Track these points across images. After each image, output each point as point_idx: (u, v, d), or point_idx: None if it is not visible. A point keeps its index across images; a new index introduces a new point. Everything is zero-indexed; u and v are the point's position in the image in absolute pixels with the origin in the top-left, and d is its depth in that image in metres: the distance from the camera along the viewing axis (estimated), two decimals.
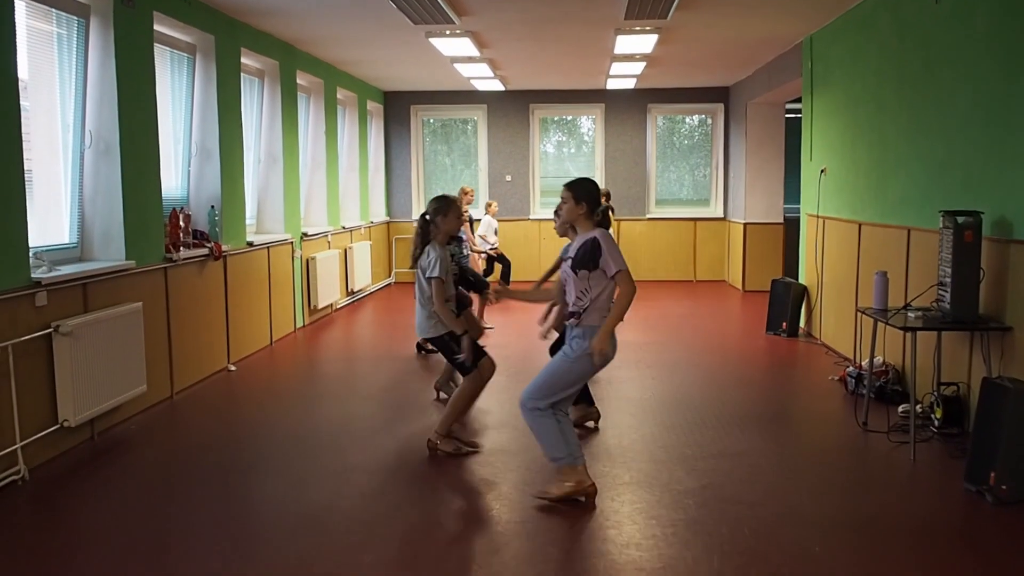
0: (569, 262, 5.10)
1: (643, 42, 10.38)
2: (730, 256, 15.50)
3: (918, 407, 6.84)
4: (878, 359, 7.59)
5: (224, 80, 8.67)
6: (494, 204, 13.60)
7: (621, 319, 4.99)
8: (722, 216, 15.93)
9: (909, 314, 6.22)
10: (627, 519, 4.88)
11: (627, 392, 7.71)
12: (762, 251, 14.39)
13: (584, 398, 6.64)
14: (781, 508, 5.03)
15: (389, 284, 15.78)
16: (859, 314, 8.61)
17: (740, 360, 9.13)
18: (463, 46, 10.54)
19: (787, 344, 9.98)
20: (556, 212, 5.82)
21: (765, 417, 7.11)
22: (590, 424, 6.67)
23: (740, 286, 14.55)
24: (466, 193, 11.85)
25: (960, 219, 5.87)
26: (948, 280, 5.94)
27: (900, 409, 6.89)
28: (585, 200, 5.13)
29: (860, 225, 8.64)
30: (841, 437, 6.46)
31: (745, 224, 14.40)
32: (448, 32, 9.78)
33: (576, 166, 16.52)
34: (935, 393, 6.44)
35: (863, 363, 7.69)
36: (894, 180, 7.82)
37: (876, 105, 8.24)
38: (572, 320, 5.08)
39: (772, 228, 14.39)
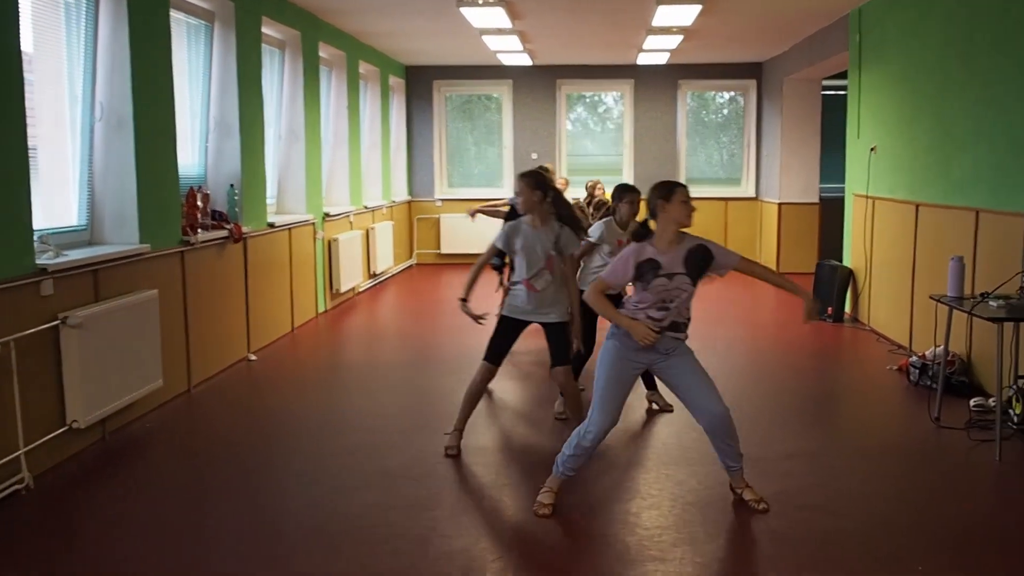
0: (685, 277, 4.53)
1: (684, 13, 9.82)
2: (763, 237, 14.96)
3: (991, 401, 6.37)
4: (942, 348, 7.08)
5: (244, 50, 8.16)
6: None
7: None
8: (754, 196, 15.38)
9: (991, 303, 5.70)
10: (701, 530, 4.41)
11: None
12: (797, 232, 13.86)
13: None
14: (869, 517, 4.55)
15: (411, 266, 15.31)
16: (914, 300, 8.13)
17: (788, 348, 8.63)
18: (495, 17, 10.00)
19: (834, 330, 9.47)
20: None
21: (828, 412, 6.69)
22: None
23: (774, 268, 14.01)
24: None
25: None
26: None
27: (972, 403, 6.39)
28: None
29: (918, 206, 8.11)
30: (915, 434, 5.95)
31: (780, 204, 13.86)
32: (481, 1, 9.24)
33: (600, 145, 15.98)
34: (1014, 387, 5.93)
35: (926, 352, 7.19)
36: (960, 158, 7.28)
37: (940, 79, 7.68)
38: (683, 335, 4.65)
39: (808, 208, 13.85)
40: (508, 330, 5.56)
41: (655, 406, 6.49)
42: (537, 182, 5.43)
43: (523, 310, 5.48)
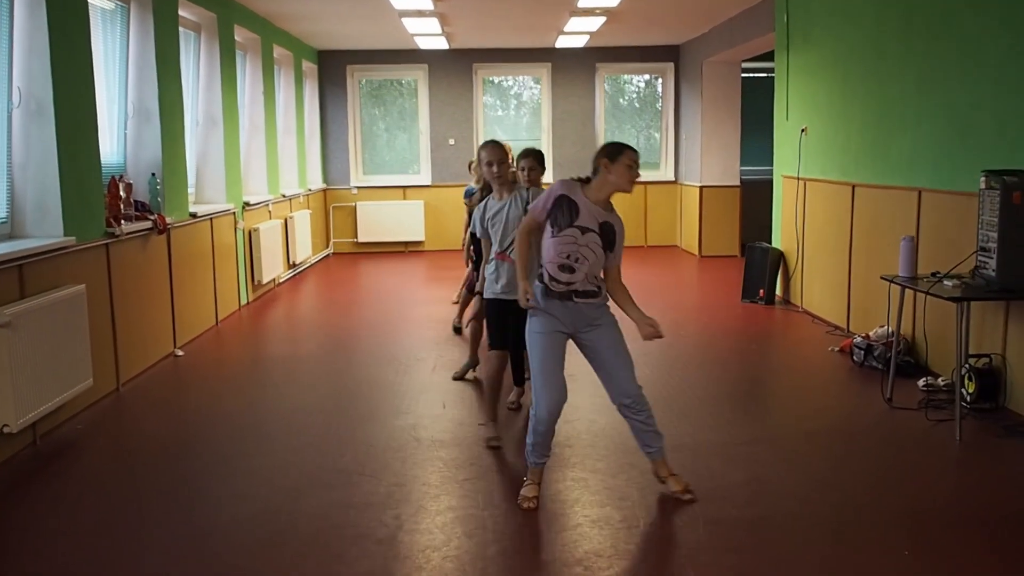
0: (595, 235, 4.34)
1: None
2: (683, 220, 14.99)
3: (940, 380, 6.40)
4: (886, 328, 7.12)
5: (162, 33, 7.75)
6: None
7: None
8: (673, 179, 15.41)
9: (946, 283, 5.70)
10: (677, 521, 4.27)
11: None
12: (718, 215, 13.90)
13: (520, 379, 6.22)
14: (842, 502, 4.49)
15: (328, 255, 14.94)
16: (851, 281, 8.16)
17: (726, 332, 8.59)
18: None
19: (767, 312, 9.48)
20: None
21: (780, 395, 6.67)
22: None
23: (696, 251, 14.05)
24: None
25: (1007, 178, 5.34)
26: (992, 246, 5.43)
27: (921, 383, 6.41)
28: None
29: (854, 187, 8.13)
30: (871, 416, 5.92)
31: (701, 187, 13.88)
32: None
33: (518, 129, 15.81)
34: (967, 366, 5.95)
35: (870, 333, 7.22)
36: (899, 139, 7.31)
37: (875, 59, 7.69)
38: (598, 300, 4.42)
39: (729, 191, 13.91)
40: (500, 313, 5.35)
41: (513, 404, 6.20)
42: (505, 150, 5.23)
43: (506, 289, 5.25)
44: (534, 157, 5.88)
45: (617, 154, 4.27)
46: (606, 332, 4.42)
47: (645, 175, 15.34)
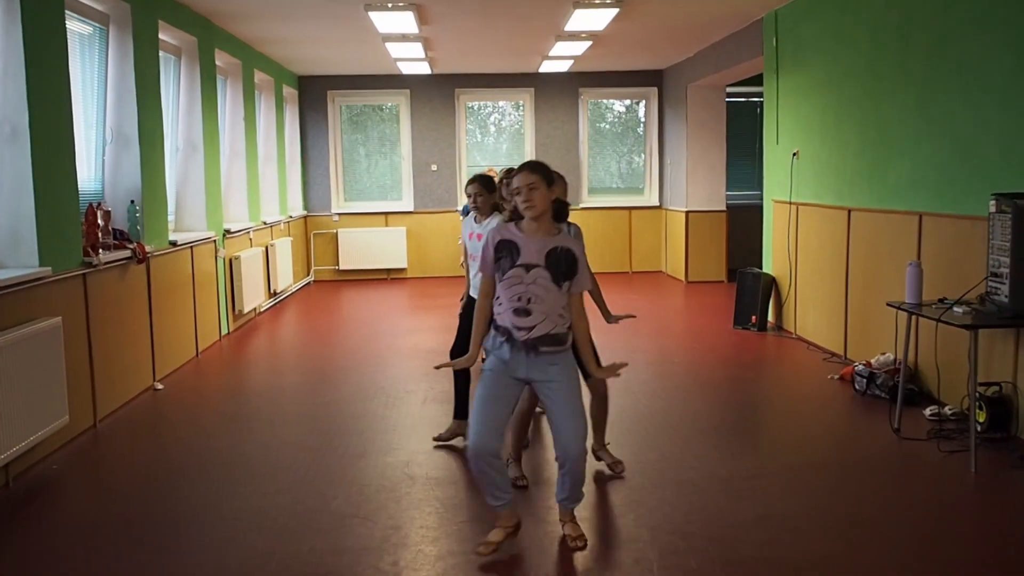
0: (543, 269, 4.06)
1: (599, 17, 9.55)
2: (668, 246, 14.82)
3: (947, 409, 6.23)
4: (888, 356, 6.96)
5: (142, 56, 7.52)
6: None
7: None
8: (658, 204, 15.26)
9: (955, 309, 5.53)
10: (692, 561, 4.03)
11: (616, 405, 6.82)
12: (704, 240, 13.74)
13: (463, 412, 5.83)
14: (865, 539, 4.25)
15: (309, 283, 14.68)
16: (848, 307, 8.00)
17: (721, 359, 8.39)
18: (403, 22, 9.53)
19: (760, 339, 9.29)
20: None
21: (784, 426, 6.45)
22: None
23: (682, 277, 13.88)
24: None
25: (1019, 202, 5.19)
26: (1004, 271, 5.27)
27: (928, 412, 6.24)
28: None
29: (850, 211, 7.98)
30: (881, 446, 5.72)
31: (687, 212, 13.73)
32: (391, 5, 8.78)
33: (500, 155, 15.62)
34: (978, 394, 5.77)
35: (872, 361, 7.04)
36: (898, 162, 7.16)
37: (870, 82, 7.56)
38: (563, 347, 4.16)
39: (715, 216, 13.76)
40: None
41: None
42: None
43: None
44: (480, 183, 5.74)
45: (510, 183, 4.15)
46: (561, 388, 4.12)
47: (629, 200, 15.28)
